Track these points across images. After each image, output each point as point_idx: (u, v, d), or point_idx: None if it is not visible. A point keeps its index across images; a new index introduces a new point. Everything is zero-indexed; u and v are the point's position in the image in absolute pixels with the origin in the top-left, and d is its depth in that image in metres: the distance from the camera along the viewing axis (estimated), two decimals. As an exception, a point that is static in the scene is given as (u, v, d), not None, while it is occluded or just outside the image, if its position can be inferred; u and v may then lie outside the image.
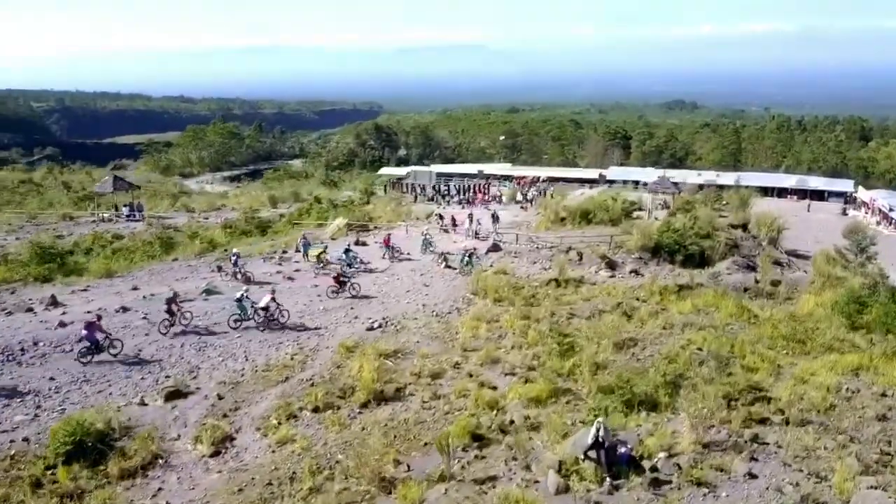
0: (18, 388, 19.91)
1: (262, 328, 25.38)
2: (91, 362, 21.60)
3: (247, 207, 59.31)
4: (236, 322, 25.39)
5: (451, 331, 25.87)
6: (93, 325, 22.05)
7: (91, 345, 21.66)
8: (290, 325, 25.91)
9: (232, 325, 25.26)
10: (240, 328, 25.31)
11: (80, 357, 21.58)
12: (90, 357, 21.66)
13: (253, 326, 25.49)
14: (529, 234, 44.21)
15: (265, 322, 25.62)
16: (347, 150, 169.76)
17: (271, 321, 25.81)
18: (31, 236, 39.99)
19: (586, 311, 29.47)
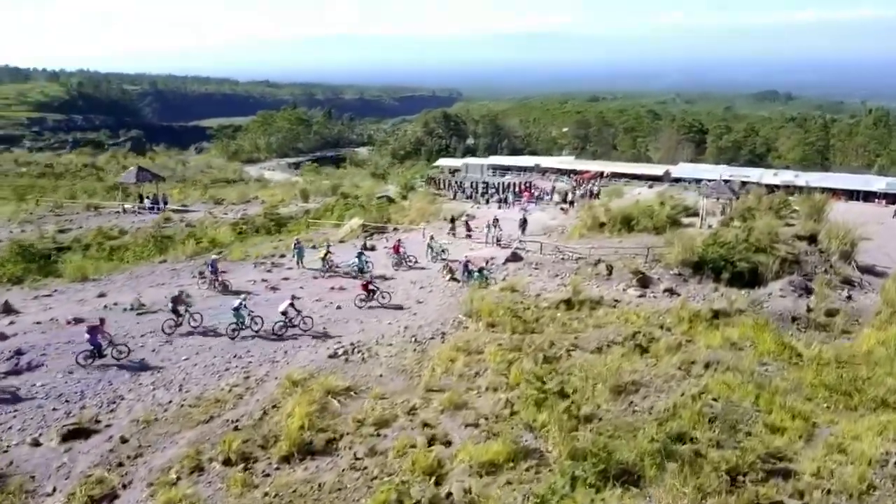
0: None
1: (282, 333, 24.74)
2: (91, 366, 21.32)
3: (276, 201, 57.74)
4: (234, 331, 24.35)
5: (424, 362, 22.79)
6: (95, 329, 21.60)
7: (94, 349, 21.39)
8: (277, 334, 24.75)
9: (230, 333, 24.24)
10: (237, 338, 24.31)
11: (83, 361, 21.35)
12: (91, 361, 21.44)
13: (250, 335, 24.58)
14: (556, 243, 40.35)
15: (285, 327, 24.93)
16: (414, 139, 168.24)
17: (291, 327, 25.05)
18: (18, 233, 39.09)
19: (593, 342, 25.73)
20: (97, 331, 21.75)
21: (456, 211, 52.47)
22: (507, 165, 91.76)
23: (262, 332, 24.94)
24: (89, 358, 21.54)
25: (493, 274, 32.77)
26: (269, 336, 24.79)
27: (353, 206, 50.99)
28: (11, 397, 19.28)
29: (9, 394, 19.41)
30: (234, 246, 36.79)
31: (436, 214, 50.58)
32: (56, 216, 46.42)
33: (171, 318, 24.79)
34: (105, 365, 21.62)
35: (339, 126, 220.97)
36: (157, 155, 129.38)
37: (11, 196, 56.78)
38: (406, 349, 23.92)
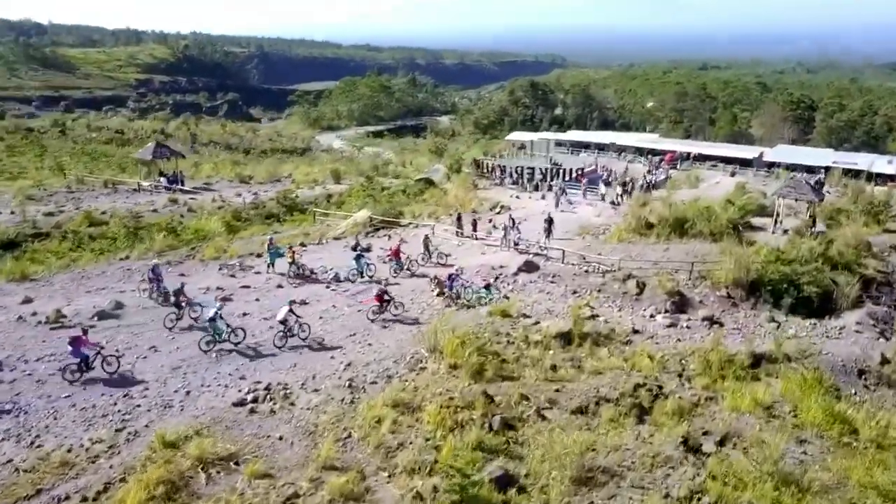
0: None
1: (282, 345, 22.69)
2: (78, 381, 19.75)
3: (307, 180, 54.41)
4: (208, 344, 22.10)
5: (344, 420, 18.42)
6: (78, 340, 20.04)
7: (80, 361, 19.82)
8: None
9: (203, 347, 21.97)
10: (212, 351, 22.00)
11: (69, 375, 19.74)
12: (79, 375, 19.81)
13: (230, 349, 22.27)
14: (581, 251, 34.65)
15: (284, 337, 22.86)
16: (499, 108, 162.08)
17: (290, 336, 22.99)
18: (4, 214, 37.07)
19: (579, 398, 20.61)
20: (80, 342, 20.09)
21: (491, 201, 47.34)
22: (578, 142, 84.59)
23: (242, 346, 22.41)
24: (76, 372, 19.88)
25: (493, 294, 27.74)
26: (245, 351, 22.15)
27: (376, 192, 46.81)
28: None
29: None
30: (212, 241, 33.53)
31: (462, 206, 45.59)
32: (68, 192, 44.88)
33: (172, 311, 24.02)
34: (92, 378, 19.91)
35: (422, 93, 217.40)
36: (229, 123, 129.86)
37: (52, 167, 56.26)
38: (333, 398, 19.62)
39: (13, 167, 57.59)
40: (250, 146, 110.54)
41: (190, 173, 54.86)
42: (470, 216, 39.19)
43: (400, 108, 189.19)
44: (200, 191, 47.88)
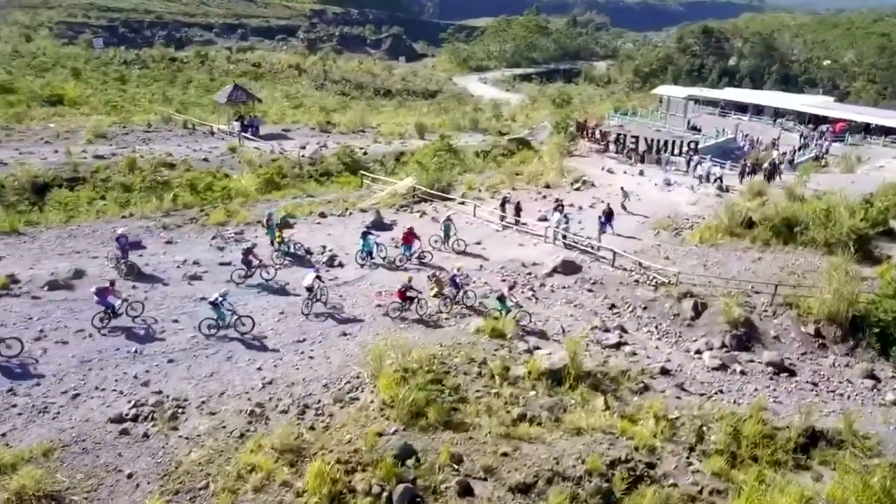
0: None
1: (307, 311, 22.23)
2: (107, 327, 20.48)
3: (391, 132, 51.19)
4: (210, 329, 20.64)
5: (217, 461, 15.41)
6: (105, 291, 20.77)
7: (107, 309, 20.64)
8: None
9: (204, 331, 20.55)
10: (214, 337, 20.55)
11: (98, 322, 20.48)
12: (107, 322, 20.60)
13: (235, 336, 20.68)
14: (640, 253, 28.76)
15: (310, 303, 22.35)
16: (663, 56, 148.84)
17: (316, 302, 22.54)
18: (64, 152, 36.84)
19: (527, 470, 16.21)
20: (107, 292, 20.78)
21: (576, 173, 41.58)
22: (731, 102, 73.72)
23: (249, 336, 20.75)
24: (104, 319, 20.63)
25: (508, 306, 23.16)
26: (250, 341, 20.55)
27: (443, 155, 42.54)
28: None
29: None
30: (230, 203, 31.38)
31: (547, 177, 40.28)
32: (145, 132, 44.97)
33: (241, 268, 24.05)
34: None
35: (583, 36, 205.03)
36: (366, 61, 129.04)
37: (154, 103, 57.54)
38: (225, 426, 16.66)
39: (126, 100, 59.50)
40: (382, 86, 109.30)
41: (276, 117, 53.67)
42: (513, 197, 34.02)
43: (556, 51, 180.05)
44: (273, 139, 46.26)
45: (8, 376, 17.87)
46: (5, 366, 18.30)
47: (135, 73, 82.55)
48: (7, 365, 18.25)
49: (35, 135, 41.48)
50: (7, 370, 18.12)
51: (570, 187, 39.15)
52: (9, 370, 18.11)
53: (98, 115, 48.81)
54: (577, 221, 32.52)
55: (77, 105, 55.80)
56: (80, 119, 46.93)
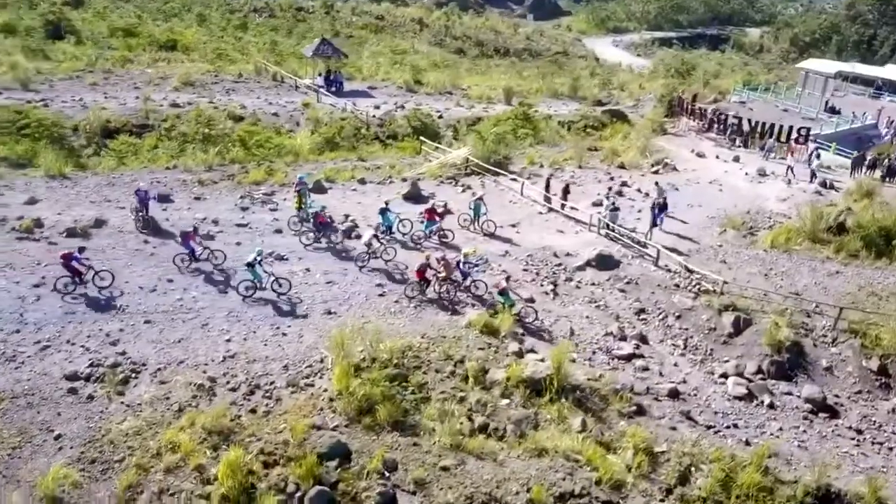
0: None
1: (363, 265, 23.10)
2: (187, 268, 22.01)
3: (479, 97, 49.25)
4: (248, 290, 20.92)
5: (143, 435, 15.21)
6: (188, 235, 22.15)
7: (188, 252, 22.16)
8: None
9: (242, 292, 20.86)
10: (251, 299, 20.77)
11: (179, 262, 22.05)
12: (189, 264, 22.11)
13: (271, 299, 20.89)
14: (692, 254, 25.74)
15: (368, 258, 23.18)
16: (828, 24, 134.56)
17: (374, 258, 23.30)
18: (148, 98, 38.00)
19: (459, 490, 14.97)
20: (189, 237, 22.06)
21: (660, 154, 38.08)
22: (884, 80, 64.27)
23: (284, 297, 21.06)
24: (186, 261, 22.13)
25: (512, 300, 21.45)
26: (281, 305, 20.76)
27: (520, 124, 40.21)
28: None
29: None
30: (278, 161, 31.17)
31: (625, 156, 37.19)
32: (234, 81, 45.81)
33: (313, 231, 24.58)
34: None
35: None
36: (493, 18, 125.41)
37: (261, 52, 58.59)
38: (169, 398, 16.45)
39: (236, 49, 61.03)
40: (503, 45, 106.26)
41: (368, 74, 53.16)
42: (560, 180, 31.36)
43: (705, 14, 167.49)
44: (355, 96, 45.78)
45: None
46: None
47: (257, 21, 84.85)
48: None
49: (131, 80, 43.41)
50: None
51: (648, 170, 35.92)
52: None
53: (199, 63, 50.43)
54: (636, 210, 29.73)
55: (188, 51, 57.99)
56: (182, 66, 48.64)
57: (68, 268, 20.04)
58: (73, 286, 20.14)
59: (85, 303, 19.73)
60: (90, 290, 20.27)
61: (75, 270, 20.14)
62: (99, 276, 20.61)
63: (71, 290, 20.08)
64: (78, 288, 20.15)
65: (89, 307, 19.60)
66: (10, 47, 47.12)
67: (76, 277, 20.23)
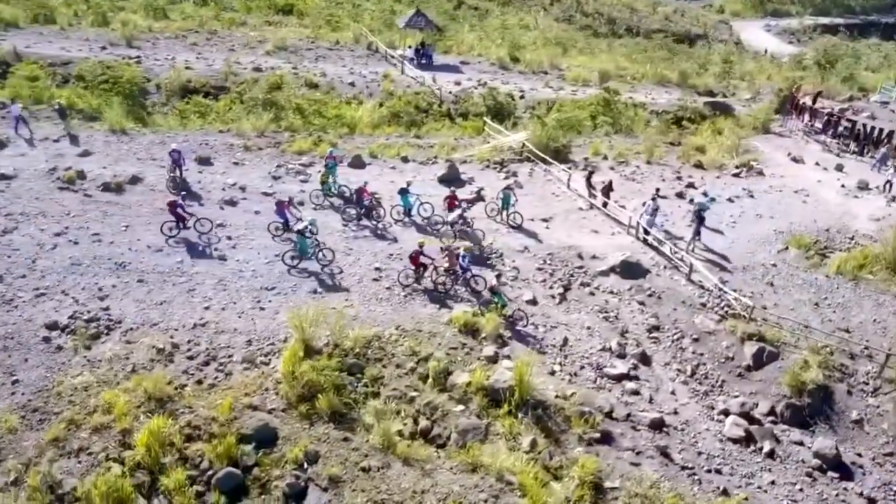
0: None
1: (455, 235, 23.70)
2: (280, 237, 22.67)
3: (571, 77, 46.90)
4: (293, 259, 21.38)
5: (87, 393, 15.84)
6: (282, 204, 22.96)
7: (283, 222, 22.85)
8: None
9: (287, 262, 21.31)
10: (294, 268, 21.24)
11: (273, 230, 22.81)
12: (282, 233, 22.74)
13: (315, 270, 21.30)
14: (734, 272, 23.19)
15: (457, 233, 23.80)
16: None
17: (461, 233, 23.89)
18: (237, 61, 39.08)
19: (366, 495, 14.36)
20: (283, 206, 22.83)
21: (749, 154, 34.64)
22: None
23: (329, 269, 21.46)
24: (279, 230, 22.81)
25: (503, 300, 20.37)
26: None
27: (608, 111, 37.73)
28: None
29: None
30: (330, 133, 31.16)
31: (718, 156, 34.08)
32: (329, 49, 46.31)
33: (354, 208, 24.79)
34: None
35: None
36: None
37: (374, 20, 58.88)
38: (129, 357, 17.06)
39: (349, 16, 61.89)
40: (637, 24, 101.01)
41: (465, 48, 52.03)
42: (602, 176, 28.91)
43: (885, 2, 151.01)
44: (444, 70, 44.99)
45: (5, 266, 19.90)
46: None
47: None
48: (10, 257, 20.26)
49: (231, 42, 45.13)
50: (13, 261, 20.13)
51: (729, 171, 32.78)
52: (17, 262, 20.12)
53: (301, 28, 51.54)
54: (690, 216, 27.21)
55: (302, 16, 59.44)
56: (282, 30, 49.89)
57: (174, 213, 21.95)
58: (177, 230, 22.06)
59: (93, 256, 20.76)
60: (191, 235, 22.12)
61: (179, 216, 22.01)
62: (199, 222, 22.43)
63: (174, 234, 22.02)
64: (181, 232, 22.01)
65: (96, 260, 20.62)
66: (135, 5, 50.45)
67: (180, 223, 22.04)
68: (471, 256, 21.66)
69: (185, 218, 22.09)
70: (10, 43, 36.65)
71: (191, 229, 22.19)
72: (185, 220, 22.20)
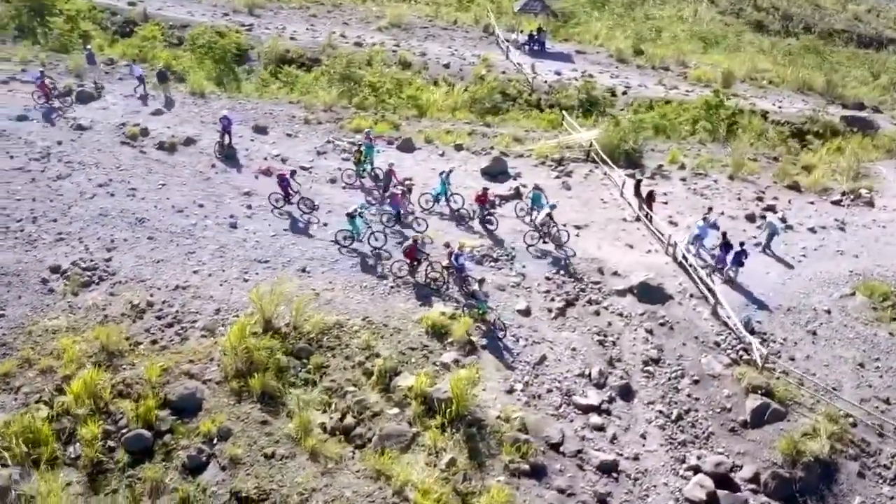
0: None
1: (538, 240, 22.67)
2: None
3: (695, 76, 43.17)
4: (345, 240, 21.68)
5: (63, 334, 16.99)
6: (390, 171, 23.94)
7: (284, 196, 23.12)
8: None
9: (340, 241, 21.66)
10: (346, 248, 21.54)
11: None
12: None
13: (366, 253, 21.48)
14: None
15: (539, 237, 22.72)
16: None
17: (545, 237, 22.79)
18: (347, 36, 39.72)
19: (259, 484, 14.39)
20: (392, 172, 23.81)
21: (867, 179, 30.17)
22: None
23: (380, 251, 21.57)
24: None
25: (483, 307, 19.29)
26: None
27: (712, 117, 34.14)
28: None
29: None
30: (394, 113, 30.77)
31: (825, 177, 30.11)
32: (442, 29, 45.96)
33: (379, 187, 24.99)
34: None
35: None
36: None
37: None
38: (105, 309, 18.08)
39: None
40: (816, 23, 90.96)
41: (589, 38, 49.45)
42: (645, 187, 25.88)
43: None
44: (555, 58, 43.13)
45: (45, 209, 21.75)
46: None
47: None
48: (52, 201, 22.11)
49: (349, 16, 46.23)
50: (53, 205, 21.95)
51: (830, 197, 28.72)
52: (56, 206, 21.94)
53: (421, 6, 51.48)
54: (754, 243, 24.11)
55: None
56: (400, 7, 49.88)
57: (282, 187, 22.86)
58: (283, 203, 23.09)
59: (121, 209, 22.14)
60: (294, 210, 23.02)
61: (287, 191, 22.91)
62: (303, 201, 23.09)
63: (280, 206, 23.08)
64: (286, 206, 23.03)
65: (122, 213, 21.99)
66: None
67: (286, 197, 22.96)
68: (466, 256, 20.75)
69: (290, 194, 22.81)
70: (143, 5, 40.05)
71: (294, 205, 22.90)
72: (290, 197, 22.91)
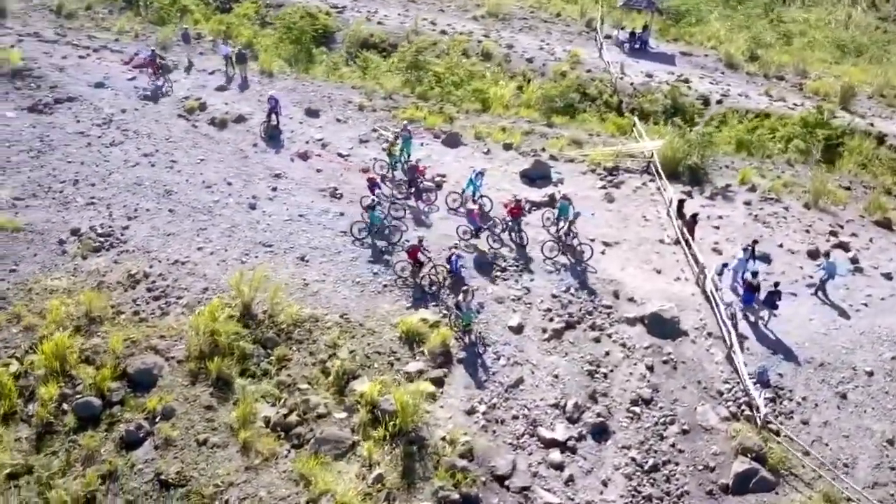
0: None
1: (553, 256, 21.38)
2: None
3: (813, 89, 38.83)
4: (360, 232, 21.31)
5: (51, 294, 17.93)
6: (418, 168, 23.71)
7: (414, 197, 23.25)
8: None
9: (355, 233, 21.30)
10: (361, 241, 21.19)
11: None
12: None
13: (374, 247, 21.08)
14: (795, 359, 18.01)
15: (559, 250, 21.51)
16: None
17: (564, 251, 21.58)
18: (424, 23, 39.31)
19: (182, 466, 14.50)
20: (418, 171, 23.57)
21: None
22: None
23: (396, 246, 21.02)
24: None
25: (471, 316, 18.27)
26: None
27: (809, 137, 30.44)
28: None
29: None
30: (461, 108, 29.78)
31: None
32: (542, 21, 44.12)
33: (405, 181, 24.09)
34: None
35: None
36: None
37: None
38: (104, 274, 18.89)
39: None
40: None
41: (701, 39, 45.80)
42: (690, 210, 23.04)
43: None
44: (657, 59, 40.30)
45: (88, 173, 23.02)
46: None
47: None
48: (98, 166, 23.35)
49: (448, 2, 45.44)
50: (97, 170, 23.19)
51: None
52: (99, 171, 23.19)
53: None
54: (804, 284, 21.28)
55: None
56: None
57: (371, 190, 22.24)
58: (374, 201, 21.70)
59: (153, 180, 23.01)
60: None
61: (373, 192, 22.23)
62: (394, 206, 22.60)
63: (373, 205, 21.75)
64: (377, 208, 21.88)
65: (153, 184, 22.83)
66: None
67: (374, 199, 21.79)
68: (463, 260, 19.82)
69: (379, 199, 21.90)
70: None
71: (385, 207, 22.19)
72: (380, 201, 22.04)
